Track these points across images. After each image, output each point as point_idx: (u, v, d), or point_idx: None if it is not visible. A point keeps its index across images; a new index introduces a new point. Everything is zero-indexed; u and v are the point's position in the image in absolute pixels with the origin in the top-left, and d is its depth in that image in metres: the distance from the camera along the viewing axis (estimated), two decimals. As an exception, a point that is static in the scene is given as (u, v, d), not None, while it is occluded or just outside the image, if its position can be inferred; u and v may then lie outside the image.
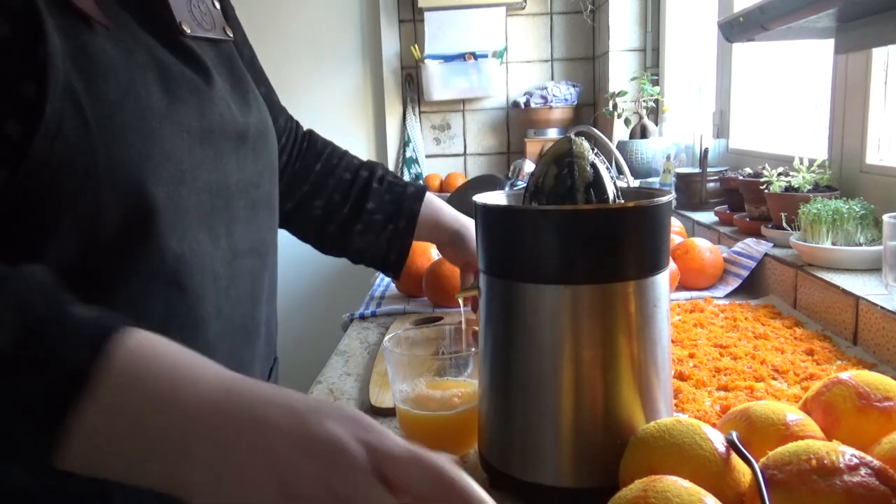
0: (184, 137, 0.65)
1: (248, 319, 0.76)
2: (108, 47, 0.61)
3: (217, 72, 0.73)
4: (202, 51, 0.72)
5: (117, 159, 0.59)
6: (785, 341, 0.96)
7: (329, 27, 2.94)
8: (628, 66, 2.59)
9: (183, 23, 0.70)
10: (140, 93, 0.62)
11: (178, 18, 0.70)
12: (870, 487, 0.45)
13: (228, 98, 0.74)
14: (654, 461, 0.53)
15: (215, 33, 0.76)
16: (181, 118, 0.65)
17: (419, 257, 1.28)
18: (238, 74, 0.79)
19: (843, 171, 1.31)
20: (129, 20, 0.65)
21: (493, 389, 0.62)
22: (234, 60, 0.79)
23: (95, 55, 0.59)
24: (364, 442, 0.43)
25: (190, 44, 0.71)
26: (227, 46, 0.79)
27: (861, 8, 0.94)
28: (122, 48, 0.62)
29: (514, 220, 0.59)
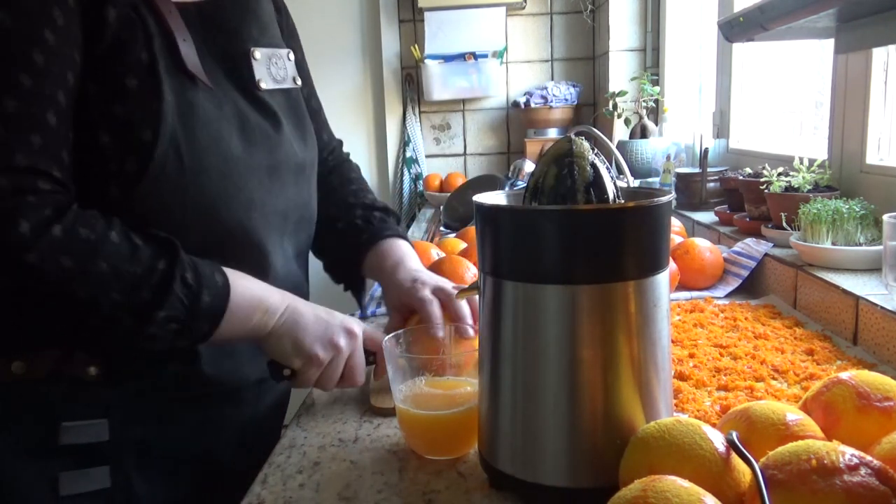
0: (254, 173, 0.83)
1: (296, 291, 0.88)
2: (206, 103, 0.78)
3: (285, 116, 0.90)
4: (273, 99, 0.88)
5: (202, 193, 0.77)
6: (785, 341, 0.96)
7: (329, 27, 2.94)
8: (628, 66, 2.59)
9: (261, 80, 0.86)
10: (225, 140, 0.80)
11: (258, 77, 0.86)
12: (870, 487, 0.45)
13: (292, 137, 0.90)
14: (654, 461, 0.53)
15: (286, 84, 0.92)
16: (253, 160, 0.83)
17: (419, 257, 1.28)
18: (300, 115, 0.94)
19: (843, 171, 1.31)
20: (221, 77, 0.82)
21: (493, 389, 0.62)
22: (299, 104, 0.95)
23: (196, 110, 0.77)
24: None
25: (264, 97, 0.87)
26: (295, 92, 0.94)
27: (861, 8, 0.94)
28: (215, 102, 0.80)
29: (514, 220, 0.59)
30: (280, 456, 0.73)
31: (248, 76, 0.85)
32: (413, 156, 2.93)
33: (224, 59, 0.83)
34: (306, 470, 0.70)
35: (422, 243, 1.33)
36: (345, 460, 0.71)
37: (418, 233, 2.13)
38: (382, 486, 0.66)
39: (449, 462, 0.70)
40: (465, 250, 1.38)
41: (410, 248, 1.02)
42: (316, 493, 0.65)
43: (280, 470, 0.70)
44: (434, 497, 0.64)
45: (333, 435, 0.77)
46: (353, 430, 0.78)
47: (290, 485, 0.67)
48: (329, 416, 0.82)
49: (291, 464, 0.71)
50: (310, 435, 0.77)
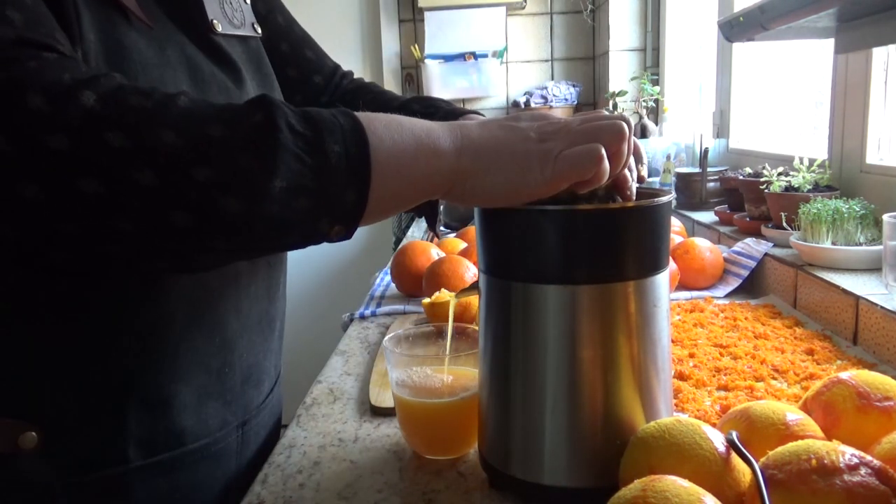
0: None
1: (264, 315, 0.78)
2: (142, 44, 0.61)
3: (246, 70, 0.73)
4: (231, 48, 0.72)
5: None
6: (785, 341, 0.96)
7: (329, 26, 2.94)
8: (628, 65, 2.59)
9: (215, 20, 0.70)
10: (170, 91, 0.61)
11: (211, 16, 0.70)
12: (870, 487, 0.45)
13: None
14: (654, 461, 0.53)
15: (245, 30, 0.76)
16: None
17: (419, 257, 1.28)
18: (265, 71, 0.78)
19: (843, 170, 1.31)
20: (162, 15, 0.65)
21: (493, 389, 0.62)
22: (261, 57, 0.79)
23: (128, 52, 0.59)
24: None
25: (220, 42, 0.70)
26: (255, 42, 0.78)
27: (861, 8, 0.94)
28: (155, 45, 0.62)
29: (514, 220, 0.59)
30: (280, 456, 0.73)
31: (197, 16, 0.68)
32: (413, 156, 2.92)
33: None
34: (306, 470, 0.70)
35: (422, 243, 1.33)
36: (345, 460, 0.71)
37: (418, 233, 2.13)
38: (382, 486, 0.66)
39: (449, 462, 0.70)
40: (465, 250, 1.38)
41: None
42: (316, 493, 0.65)
43: (280, 470, 0.70)
44: (434, 497, 0.64)
45: (333, 435, 0.77)
46: (353, 430, 0.78)
47: (290, 484, 0.67)
48: (329, 416, 0.82)
49: (291, 464, 0.71)
50: (310, 435, 0.77)
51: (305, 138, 0.49)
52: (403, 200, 0.55)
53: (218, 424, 0.71)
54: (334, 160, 0.49)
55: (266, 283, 0.77)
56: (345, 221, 0.51)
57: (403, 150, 0.52)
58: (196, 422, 0.68)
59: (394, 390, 0.71)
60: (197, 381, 0.68)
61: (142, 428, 0.64)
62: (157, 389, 0.65)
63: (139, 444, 0.64)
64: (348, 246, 3.13)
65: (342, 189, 0.50)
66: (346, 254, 3.11)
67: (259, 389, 0.79)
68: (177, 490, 0.67)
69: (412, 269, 1.27)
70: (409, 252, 1.30)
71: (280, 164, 0.48)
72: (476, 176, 0.54)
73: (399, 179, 0.52)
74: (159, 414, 0.65)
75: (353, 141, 0.50)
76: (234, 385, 0.73)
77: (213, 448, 0.71)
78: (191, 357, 0.67)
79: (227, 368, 0.72)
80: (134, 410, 0.63)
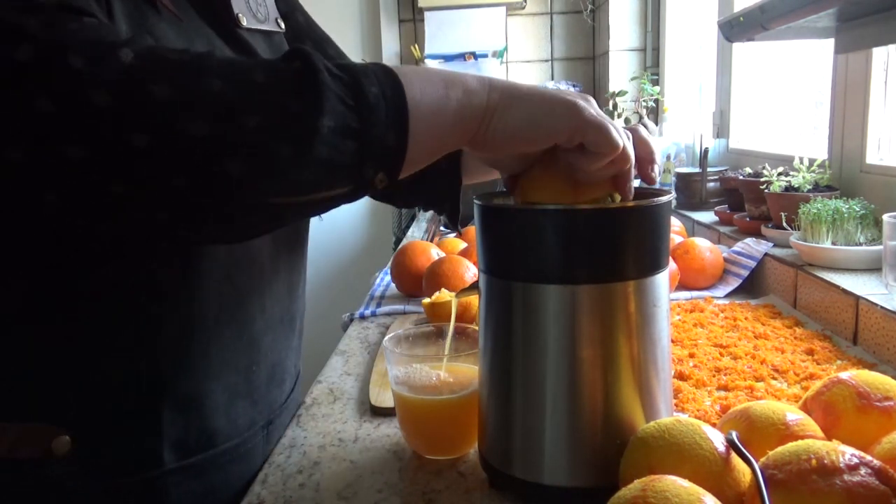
0: None
1: (285, 313, 0.79)
2: (172, 36, 0.61)
3: None
4: (256, 43, 0.73)
5: None
6: (785, 341, 0.96)
7: (329, 26, 2.92)
8: (628, 65, 2.59)
9: (240, 14, 0.71)
10: None
11: (236, 10, 0.70)
12: (870, 487, 0.45)
13: None
14: (654, 461, 0.53)
15: (269, 25, 0.76)
16: None
17: (419, 257, 1.28)
18: None
19: (843, 170, 1.31)
20: (189, 9, 0.65)
21: (494, 389, 0.62)
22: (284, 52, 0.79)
23: (160, 42, 0.59)
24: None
25: (245, 36, 0.71)
26: (279, 38, 0.79)
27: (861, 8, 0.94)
28: (184, 37, 0.63)
29: (514, 220, 0.59)
30: (280, 456, 0.73)
31: (223, 9, 0.69)
32: (413, 156, 2.92)
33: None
34: (306, 470, 0.70)
35: (422, 243, 1.34)
36: (345, 460, 0.71)
37: (418, 233, 2.13)
38: (382, 486, 0.66)
39: (449, 462, 0.70)
40: (465, 250, 1.38)
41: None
42: (316, 493, 0.65)
43: (280, 470, 0.70)
44: (434, 497, 0.64)
45: (333, 435, 0.77)
46: (353, 430, 0.78)
47: (289, 484, 0.67)
48: (329, 416, 0.82)
49: (291, 464, 0.71)
50: (310, 435, 0.77)
51: (344, 81, 0.50)
52: (439, 141, 0.55)
53: (246, 424, 0.72)
54: (373, 100, 0.50)
55: (287, 280, 0.78)
56: (387, 166, 0.52)
57: (435, 89, 0.53)
58: (226, 422, 0.69)
59: (393, 388, 0.71)
60: (227, 381, 0.68)
61: (175, 429, 0.64)
62: (190, 389, 0.65)
63: (173, 446, 0.64)
64: (348, 246, 3.13)
65: (384, 129, 0.50)
66: (346, 254, 3.11)
67: (282, 389, 0.80)
68: (210, 492, 0.68)
69: (412, 269, 1.27)
70: (409, 252, 1.30)
71: (326, 103, 0.48)
72: (505, 110, 0.55)
73: (434, 117, 0.53)
74: (192, 415, 0.65)
75: (388, 83, 0.51)
76: (260, 384, 0.74)
77: (241, 448, 0.71)
78: (222, 356, 0.67)
79: (255, 367, 0.72)
80: (167, 411, 0.63)
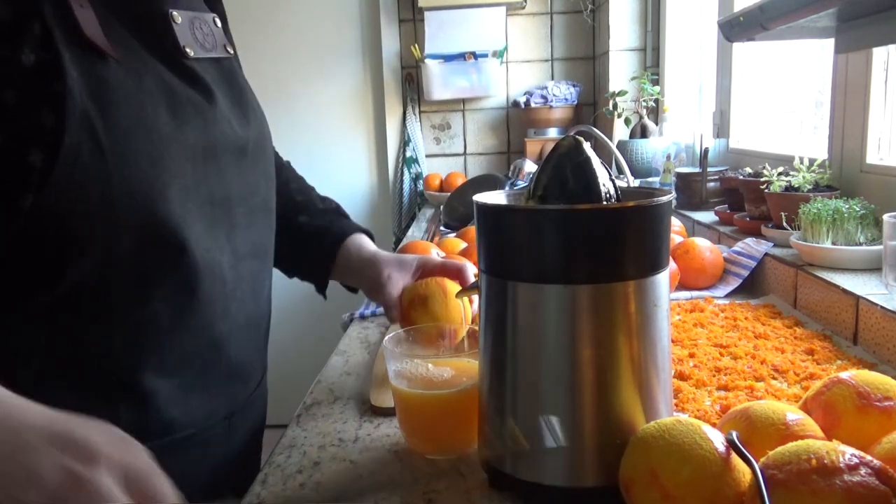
0: (189, 156, 0.70)
1: (250, 317, 0.82)
2: (121, 76, 0.65)
3: (219, 89, 0.77)
4: (204, 70, 0.76)
5: (129, 182, 0.64)
6: (785, 341, 0.96)
7: (329, 26, 2.94)
8: (628, 65, 2.59)
9: (186, 46, 0.74)
10: (150, 119, 0.66)
11: (182, 43, 0.74)
12: (870, 487, 0.45)
13: (229, 114, 0.78)
14: (654, 461, 0.53)
15: (217, 52, 0.80)
16: (186, 138, 0.70)
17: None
18: (238, 89, 0.84)
19: (843, 170, 1.31)
20: (137, 46, 0.69)
21: (493, 389, 0.62)
22: (234, 75, 0.83)
23: (109, 85, 0.64)
24: (116, 450, 0.51)
25: (193, 66, 0.75)
26: (228, 62, 0.83)
27: (861, 8, 0.94)
28: (134, 76, 0.67)
29: (514, 220, 0.59)
30: (280, 456, 0.73)
31: (170, 43, 0.73)
32: (413, 155, 2.92)
33: (139, 25, 0.70)
34: (306, 470, 0.70)
35: (422, 243, 1.34)
36: (345, 460, 0.71)
37: (418, 233, 2.13)
38: (382, 486, 0.66)
39: (449, 462, 0.70)
40: (465, 250, 1.38)
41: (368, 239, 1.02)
42: (316, 493, 0.65)
43: (280, 470, 0.70)
44: (434, 497, 0.64)
45: (333, 435, 0.77)
46: (353, 430, 0.78)
47: (289, 484, 0.67)
48: (329, 416, 0.82)
49: (291, 464, 0.71)
50: (310, 435, 0.77)
51: None
52: None
53: (204, 415, 0.76)
54: None
55: (251, 287, 0.81)
56: None
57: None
58: (182, 412, 0.73)
59: (393, 383, 0.71)
60: (183, 377, 0.73)
61: (131, 419, 0.68)
62: (145, 385, 0.69)
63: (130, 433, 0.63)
64: (348, 246, 3.12)
65: None
66: (346, 254, 3.10)
67: (246, 384, 0.84)
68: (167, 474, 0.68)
69: (412, 269, 1.26)
70: (408, 252, 1.30)
71: None
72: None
73: None
74: (147, 406, 0.70)
75: None
76: (219, 380, 0.77)
77: (199, 437, 0.76)
78: (177, 355, 0.72)
79: (214, 366, 0.76)
80: (123, 403, 0.69)
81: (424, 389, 0.70)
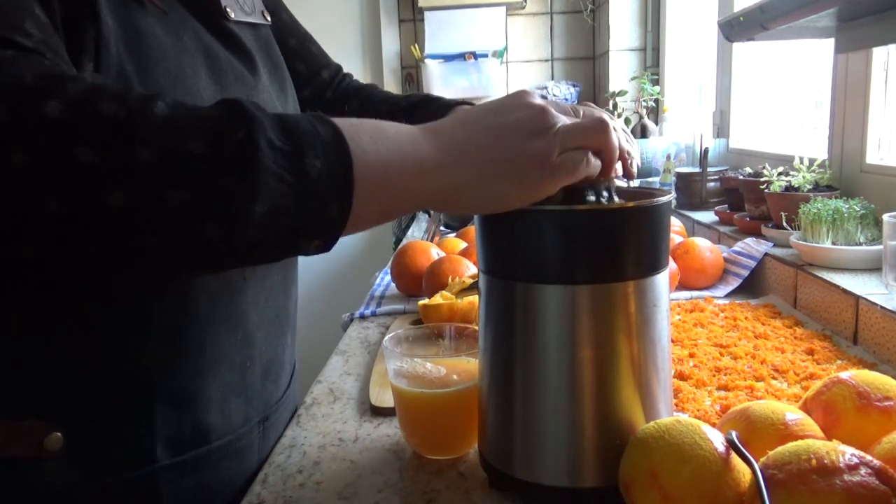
0: None
1: (280, 310, 0.79)
2: (159, 31, 0.59)
3: (259, 57, 0.72)
4: (243, 35, 0.72)
5: None
6: (785, 341, 0.96)
7: (329, 26, 2.94)
8: (628, 65, 2.59)
9: (227, 7, 0.69)
10: (190, 80, 0.60)
11: (224, 3, 0.69)
12: (870, 487, 0.45)
13: (269, 87, 0.72)
14: (654, 461, 0.53)
15: (255, 17, 0.76)
16: None
17: (419, 257, 1.28)
18: (275, 60, 0.78)
19: (844, 170, 1.31)
20: (176, 2, 0.64)
21: (493, 389, 0.62)
22: (271, 45, 0.79)
23: (147, 40, 0.58)
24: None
25: (233, 28, 0.70)
26: (266, 31, 0.78)
27: (861, 8, 0.94)
28: (172, 33, 0.61)
29: (514, 220, 0.59)
30: (280, 456, 0.73)
31: (210, 2, 0.68)
32: (413, 155, 2.92)
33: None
34: (306, 470, 0.70)
35: (422, 243, 1.34)
36: (345, 460, 0.71)
37: (418, 232, 2.13)
38: (382, 486, 0.66)
39: (449, 462, 0.70)
40: (465, 250, 1.38)
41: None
42: (316, 493, 0.65)
43: (280, 469, 0.70)
44: (434, 497, 0.64)
45: (333, 435, 0.77)
46: (353, 430, 0.78)
47: (289, 484, 0.67)
48: (329, 416, 0.82)
49: (291, 463, 0.71)
50: (310, 435, 0.77)
51: (285, 153, 0.46)
52: (387, 215, 0.52)
53: (241, 420, 0.71)
54: (315, 176, 0.46)
55: (281, 276, 0.77)
56: (324, 236, 0.49)
57: (388, 164, 0.49)
58: (220, 418, 0.68)
59: (392, 382, 0.71)
60: (221, 377, 0.68)
61: (168, 426, 0.63)
62: (183, 386, 0.64)
63: (166, 443, 0.64)
64: (348, 246, 3.13)
65: (323, 206, 0.47)
66: (346, 254, 3.11)
67: (277, 384, 0.80)
68: (202, 489, 0.67)
69: (412, 269, 1.27)
70: (409, 252, 1.30)
71: (261, 187, 0.45)
72: (469, 188, 0.52)
73: (383, 194, 0.50)
74: (185, 411, 0.65)
75: (335, 154, 0.47)
76: (255, 380, 0.73)
77: (236, 444, 0.71)
78: (215, 352, 0.67)
79: (249, 363, 0.72)
80: (160, 408, 0.63)
81: (424, 388, 0.70)
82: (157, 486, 0.64)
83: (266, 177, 0.45)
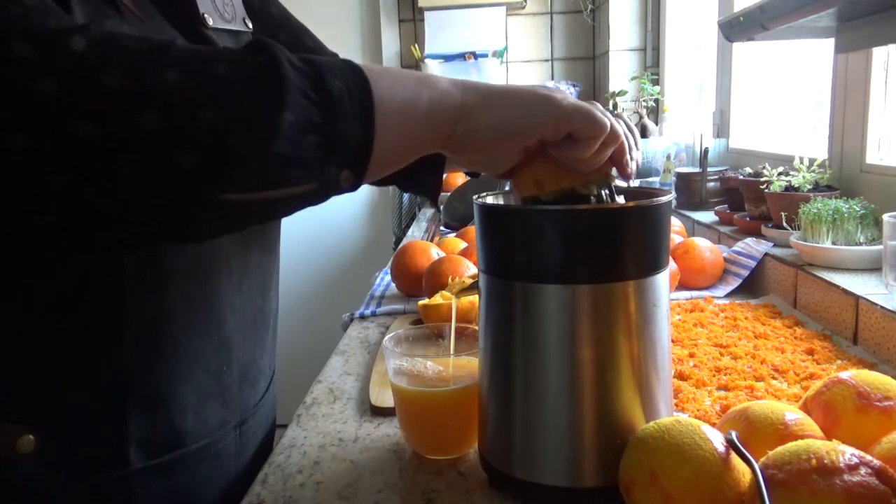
0: None
1: (258, 313, 0.78)
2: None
3: None
4: (223, 43, 0.72)
5: None
6: (785, 341, 0.96)
7: (329, 26, 2.94)
8: (628, 65, 2.59)
9: (206, 14, 0.70)
10: None
11: (202, 10, 0.69)
12: (870, 487, 0.45)
13: None
14: (654, 461, 0.53)
15: (236, 24, 0.76)
16: None
17: (419, 257, 1.28)
18: None
19: (843, 170, 1.31)
20: (153, 9, 0.64)
21: (494, 389, 0.62)
22: None
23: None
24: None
25: (212, 36, 0.70)
26: (246, 37, 0.79)
27: (861, 8, 0.94)
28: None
29: (514, 220, 0.59)
30: (280, 456, 0.73)
31: (189, 9, 0.68)
32: (413, 155, 2.92)
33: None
34: (306, 469, 0.70)
35: (422, 243, 1.33)
36: (345, 460, 0.71)
37: (418, 232, 2.13)
38: (382, 486, 0.66)
39: (449, 462, 0.70)
40: (465, 250, 1.38)
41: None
42: (316, 493, 0.65)
43: (280, 469, 0.70)
44: (434, 497, 0.64)
45: (333, 435, 0.77)
46: (353, 429, 0.78)
47: (289, 484, 0.67)
48: (329, 416, 0.82)
49: (291, 463, 0.71)
50: (310, 435, 0.77)
51: (306, 74, 0.48)
52: (410, 141, 0.54)
53: (217, 424, 0.71)
54: (337, 94, 0.48)
55: (259, 280, 0.77)
56: (353, 164, 0.50)
57: (404, 86, 0.52)
58: (196, 422, 0.68)
59: (392, 381, 0.71)
60: (196, 381, 0.67)
61: (142, 429, 0.63)
62: (157, 389, 0.64)
63: (140, 446, 0.63)
64: (348, 246, 3.13)
65: (348, 124, 0.49)
66: (346, 254, 3.11)
67: (255, 388, 0.79)
68: (176, 492, 0.67)
69: (412, 269, 1.27)
70: (409, 252, 1.30)
71: (287, 97, 0.47)
72: (481, 110, 0.55)
73: (404, 115, 0.52)
74: (160, 414, 0.64)
75: (353, 78, 0.50)
76: (231, 384, 0.73)
77: (212, 448, 0.70)
78: (190, 356, 0.67)
79: (225, 367, 0.72)
80: (134, 411, 0.63)
81: (424, 387, 0.70)
82: (131, 489, 0.63)
83: (291, 87, 0.47)
